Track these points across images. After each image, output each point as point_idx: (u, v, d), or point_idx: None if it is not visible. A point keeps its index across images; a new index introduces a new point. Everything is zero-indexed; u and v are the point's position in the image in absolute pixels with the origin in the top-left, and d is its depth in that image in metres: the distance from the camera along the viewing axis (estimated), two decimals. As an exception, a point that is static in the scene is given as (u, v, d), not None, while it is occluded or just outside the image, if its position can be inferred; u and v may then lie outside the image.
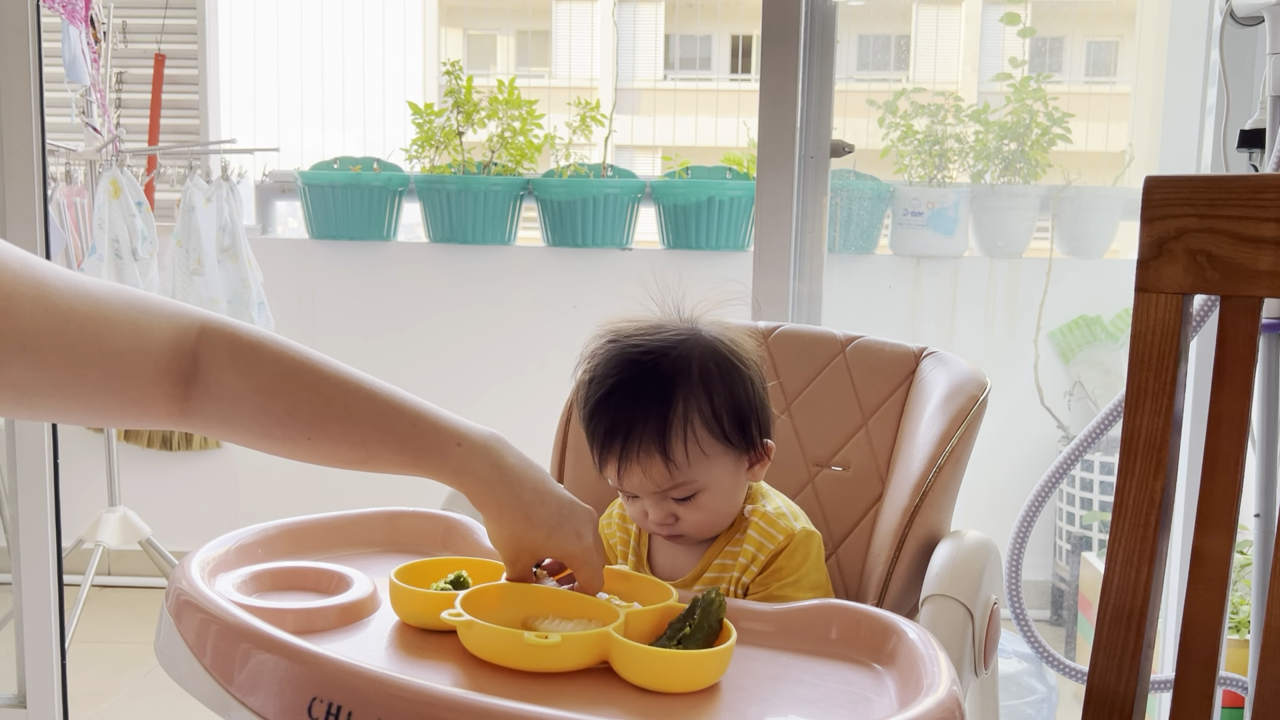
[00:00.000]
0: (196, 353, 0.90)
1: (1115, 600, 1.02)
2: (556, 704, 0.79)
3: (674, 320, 1.11)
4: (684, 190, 3.19)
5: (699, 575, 1.13)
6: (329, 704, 0.76)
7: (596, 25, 4.51)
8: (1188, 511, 1.74)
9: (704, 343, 1.08)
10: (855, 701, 0.87)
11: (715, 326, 1.11)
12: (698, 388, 1.06)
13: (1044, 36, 3.20)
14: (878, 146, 3.05)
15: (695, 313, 1.12)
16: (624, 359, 1.08)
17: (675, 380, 1.06)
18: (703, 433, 1.06)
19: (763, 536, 1.11)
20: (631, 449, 1.05)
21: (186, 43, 3.53)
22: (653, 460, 1.05)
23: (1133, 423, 1.02)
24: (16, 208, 2.05)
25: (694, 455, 1.06)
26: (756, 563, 1.10)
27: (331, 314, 3.36)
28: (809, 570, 1.11)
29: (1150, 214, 1.02)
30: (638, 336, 1.09)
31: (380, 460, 0.93)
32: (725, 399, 1.07)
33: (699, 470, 1.06)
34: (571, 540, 0.97)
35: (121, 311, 0.86)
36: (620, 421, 1.06)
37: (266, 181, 3.51)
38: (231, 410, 0.91)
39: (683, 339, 1.08)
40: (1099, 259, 3.04)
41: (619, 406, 1.06)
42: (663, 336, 1.08)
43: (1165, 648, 1.93)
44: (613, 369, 1.08)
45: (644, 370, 1.06)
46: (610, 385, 1.07)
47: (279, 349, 0.92)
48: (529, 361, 3.26)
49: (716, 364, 1.08)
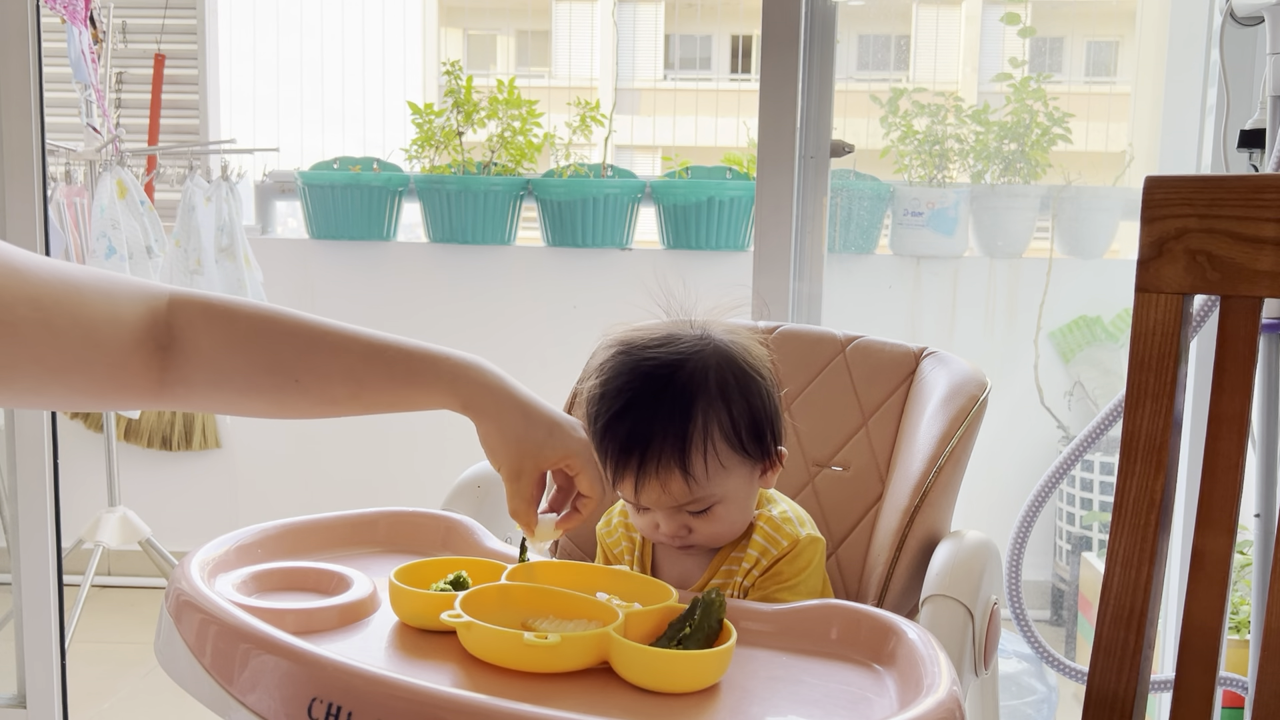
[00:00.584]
0: (170, 321, 0.91)
1: (1115, 600, 1.02)
2: (556, 705, 0.79)
3: (685, 329, 1.07)
4: (684, 190, 3.19)
5: (706, 582, 1.11)
6: (329, 704, 0.76)
7: (596, 25, 4.51)
8: (1188, 511, 1.74)
9: (719, 352, 1.05)
10: (855, 702, 0.87)
11: (728, 334, 1.08)
12: (716, 400, 1.03)
13: (1044, 36, 3.20)
14: (878, 146, 3.05)
15: (706, 319, 1.09)
16: (638, 371, 1.04)
17: (694, 393, 1.03)
18: (722, 446, 1.04)
19: (767, 541, 1.10)
20: (650, 465, 1.02)
21: (186, 43, 3.53)
22: (672, 476, 1.02)
23: (1133, 423, 1.02)
24: (16, 208, 2.05)
25: (713, 469, 1.03)
26: (759, 566, 1.09)
27: (331, 314, 3.29)
28: (808, 576, 1.10)
29: (1150, 214, 1.02)
30: (651, 348, 1.05)
31: (373, 392, 0.94)
32: (744, 410, 1.05)
33: (717, 484, 1.04)
34: (572, 436, 0.98)
35: (93, 285, 0.87)
36: (638, 437, 1.02)
37: (266, 181, 3.51)
38: (213, 369, 0.91)
39: (697, 349, 1.05)
40: (1099, 259, 3.04)
41: (636, 421, 1.03)
42: (676, 347, 1.05)
43: (1165, 648, 1.93)
44: (627, 382, 1.04)
45: (661, 383, 1.03)
46: (626, 400, 1.03)
47: (251, 306, 0.94)
48: (529, 361, 3.25)
49: (734, 374, 1.05)
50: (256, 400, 0.92)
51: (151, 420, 3.41)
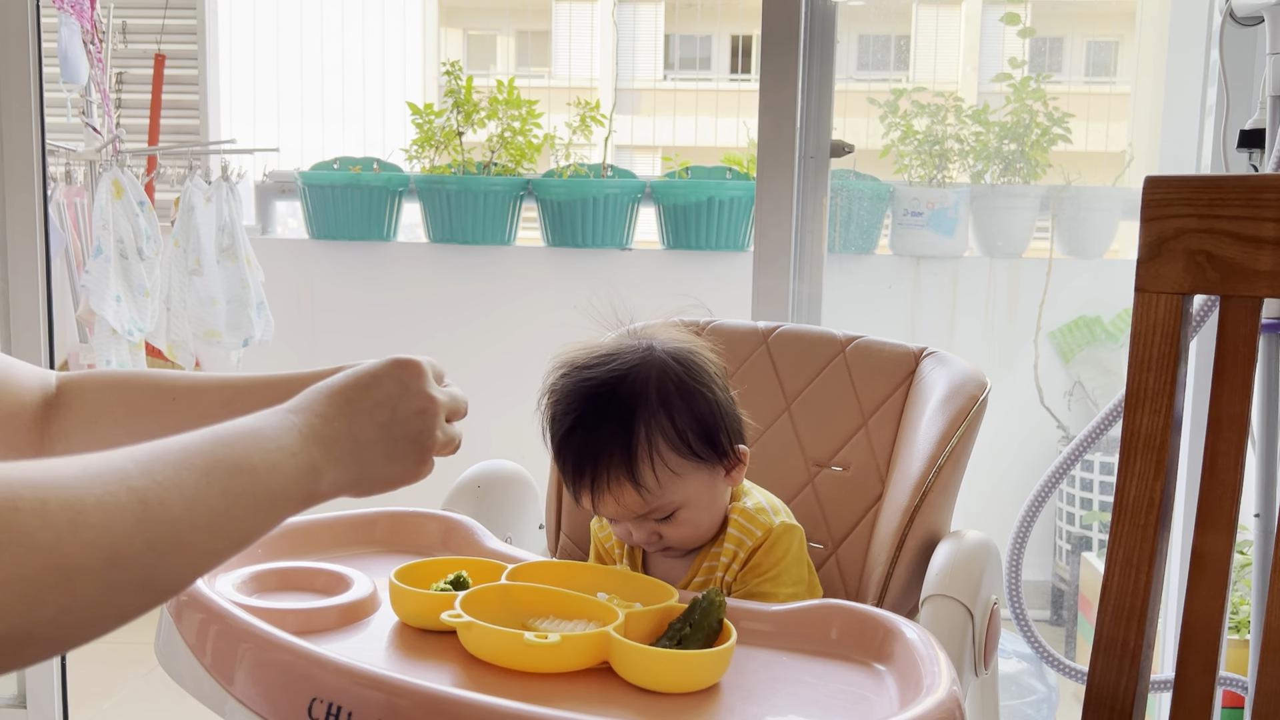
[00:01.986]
0: (59, 387, 0.94)
1: (1115, 600, 1.02)
2: (556, 705, 0.79)
3: (628, 342, 1.09)
4: (684, 190, 3.19)
5: (689, 581, 1.13)
6: (329, 704, 0.76)
7: (596, 25, 4.51)
8: (1188, 511, 1.74)
9: (658, 363, 1.07)
10: (855, 702, 0.87)
11: (670, 341, 1.09)
12: (658, 410, 1.05)
13: (1044, 36, 3.20)
14: (878, 146, 3.05)
15: (651, 329, 1.11)
16: (580, 392, 1.06)
17: (634, 406, 1.04)
18: (670, 454, 1.05)
19: (741, 533, 1.11)
20: (601, 480, 1.05)
21: (186, 43, 3.53)
22: (624, 489, 1.04)
23: (1133, 423, 1.02)
24: (16, 208, 2.05)
25: (664, 477, 1.05)
26: (737, 560, 1.10)
27: (331, 314, 3.36)
28: (789, 564, 1.10)
29: (1150, 214, 1.02)
30: (592, 366, 1.07)
31: (248, 394, 0.93)
32: (688, 417, 1.06)
33: (672, 491, 1.06)
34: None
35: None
36: (586, 455, 1.05)
37: (266, 182, 3.51)
38: (95, 403, 0.93)
39: (636, 363, 1.06)
40: (1099, 259, 3.04)
41: (583, 440, 1.05)
42: (616, 363, 1.07)
43: (1165, 648, 1.93)
44: (571, 404, 1.06)
45: (601, 401, 1.05)
46: (571, 420, 1.06)
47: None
48: (529, 361, 3.25)
49: (675, 382, 1.06)
50: (136, 420, 0.93)
51: (151, 420, 3.41)
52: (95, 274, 2.64)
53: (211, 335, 2.85)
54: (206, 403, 0.92)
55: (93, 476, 0.59)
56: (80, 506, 0.57)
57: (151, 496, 0.61)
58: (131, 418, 0.92)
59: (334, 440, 0.74)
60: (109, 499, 0.59)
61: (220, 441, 0.67)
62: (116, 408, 0.93)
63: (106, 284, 2.65)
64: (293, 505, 0.71)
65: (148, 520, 0.60)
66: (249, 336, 2.92)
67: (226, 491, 0.65)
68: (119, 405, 0.93)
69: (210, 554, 0.65)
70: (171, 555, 0.61)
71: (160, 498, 0.61)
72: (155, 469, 0.62)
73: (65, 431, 0.92)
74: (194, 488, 0.64)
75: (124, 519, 0.59)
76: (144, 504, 0.60)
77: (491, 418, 3.29)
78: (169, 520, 0.61)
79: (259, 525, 0.68)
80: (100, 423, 0.93)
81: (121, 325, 2.67)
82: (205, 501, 0.64)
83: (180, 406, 0.92)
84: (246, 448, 0.68)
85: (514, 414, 3.15)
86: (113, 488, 0.60)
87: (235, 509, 0.66)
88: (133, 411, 0.92)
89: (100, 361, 2.60)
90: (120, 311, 2.67)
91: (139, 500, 0.60)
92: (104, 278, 2.65)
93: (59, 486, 0.57)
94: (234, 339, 2.91)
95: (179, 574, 0.63)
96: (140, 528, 0.60)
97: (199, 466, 0.65)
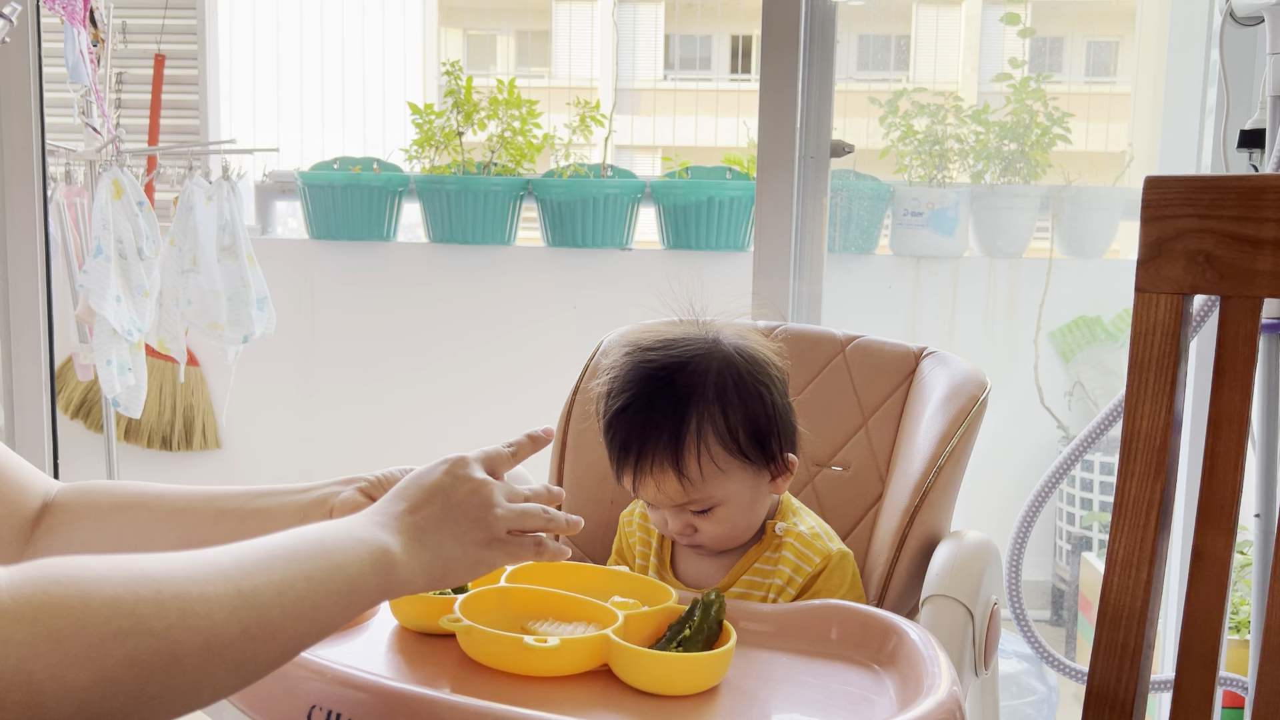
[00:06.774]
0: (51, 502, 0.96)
1: (1115, 600, 1.02)
2: (556, 708, 0.79)
3: (695, 332, 1.09)
4: (684, 190, 3.19)
5: (726, 588, 1.12)
6: (329, 712, 0.76)
7: (596, 25, 4.51)
8: (1188, 511, 1.74)
9: (722, 356, 1.06)
10: (856, 702, 0.86)
11: (737, 338, 1.09)
12: (713, 404, 1.04)
13: (1044, 36, 3.20)
14: (878, 146, 3.05)
15: (721, 322, 1.10)
16: (640, 373, 1.06)
17: (690, 395, 1.04)
18: (717, 449, 1.05)
19: (799, 558, 1.10)
20: (645, 463, 1.05)
21: (186, 43, 3.53)
22: (666, 475, 1.04)
23: (1133, 423, 1.02)
24: (16, 208, 2.05)
25: (709, 471, 1.04)
26: (793, 585, 1.10)
27: (331, 314, 3.36)
28: (847, 593, 1.10)
29: (1150, 214, 1.02)
30: (655, 349, 1.07)
31: (228, 497, 0.96)
32: (741, 415, 1.05)
33: (714, 486, 1.05)
34: None
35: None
36: (634, 435, 1.05)
37: (266, 182, 3.51)
38: (82, 499, 0.96)
39: (700, 353, 1.06)
40: (1099, 259, 3.04)
41: (633, 420, 1.05)
42: (680, 350, 1.06)
43: (1165, 648, 1.93)
44: (628, 383, 1.06)
45: (659, 385, 1.05)
46: (625, 400, 1.06)
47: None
48: (529, 361, 3.26)
49: (734, 378, 1.06)
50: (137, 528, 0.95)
51: (152, 420, 3.41)
52: (95, 274, 2.64)
53: (214, 328, 2.85)
54: (189, 498, 0.96)
55: (197, 568, 0.66)
56: (188, 596, 0.64)
57: (246, 584, 0.67)
58: (115, 512, 0.96)
59: (401, 530, 0.80)
60: (210, 588, 0.65)
61: (300, 535, 0.74)
62: (103, 501, 0.96)
63: (106, 284, 2.65)
64: (373, 592, 0.76)
65: (242, 607, 0.66)
66: (249, 333, 2.92)
67: (309, 577, 0.71)
68: (106, 499, 0.96)
69: (297, 636, 0.70)
70: (263, 640, 0.67)
71: (254, 585, 0.67)
72: (246, 560, 0.69)
73: (51, 548, 0.95)
74: (280, 574, 0.69)
75: (222, 606, 0.65)
76: (239, 592, 0.66)
77: (491, 418, 3.30)
78: (261, 606, 0.67)
79: (341, 610, 0.73)
80: (86, 517, 0.96)
81: (121, 325, 2.67)
82: (292, 587, 0.69)
83: (162, 498, 0.96)
84: (323, 538, 0.75)
85: (513, 413, 3.15)
86: (213, 578, 0.66)
87: (318, 593, 0.71)
88: (117, 507, 0.96)
89: (100, 361, 2.60)
90: (120, 311, 2.67)
91: (235, 589, 0.66)
92: (104, 277, 2.65)
93: (171, 579, 0.64)
94: (234, 334, 2.91)
95: (269, 658, 0.68)
96: (235, 614, 0.66)
97: (284, 556, 0.71)
